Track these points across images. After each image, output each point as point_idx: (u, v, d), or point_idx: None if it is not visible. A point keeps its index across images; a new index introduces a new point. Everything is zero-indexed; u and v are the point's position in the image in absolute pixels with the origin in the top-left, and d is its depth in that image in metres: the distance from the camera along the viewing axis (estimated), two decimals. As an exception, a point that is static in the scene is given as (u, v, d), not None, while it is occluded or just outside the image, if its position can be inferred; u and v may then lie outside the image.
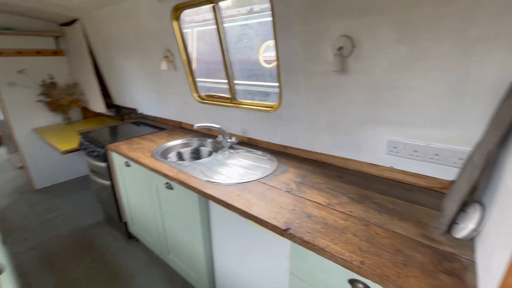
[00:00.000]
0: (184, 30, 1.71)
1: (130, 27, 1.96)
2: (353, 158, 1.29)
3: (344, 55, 1.06)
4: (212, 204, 1.27)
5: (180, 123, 2.20)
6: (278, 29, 1.22)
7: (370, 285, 0.74)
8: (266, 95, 1.66)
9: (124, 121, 2.68)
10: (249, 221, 1.04)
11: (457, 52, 0.85)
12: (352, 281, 0.78)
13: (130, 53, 2.20)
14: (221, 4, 1.45)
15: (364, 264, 0.73)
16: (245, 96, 1.71)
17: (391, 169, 1.18)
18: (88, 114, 3.22)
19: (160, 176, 1.43)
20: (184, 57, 1.77)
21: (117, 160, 1.79)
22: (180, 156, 1.79)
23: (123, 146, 1.75)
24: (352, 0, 0.97)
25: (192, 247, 1.43)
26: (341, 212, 0.97)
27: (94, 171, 2.06)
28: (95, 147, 1.89)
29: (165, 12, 1.62)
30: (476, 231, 0.76)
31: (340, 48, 1.05)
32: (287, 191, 1.12)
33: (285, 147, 1.54)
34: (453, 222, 0.82)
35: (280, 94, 1.40)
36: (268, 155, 1.50)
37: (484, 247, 0.68)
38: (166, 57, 1.82)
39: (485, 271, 0.62)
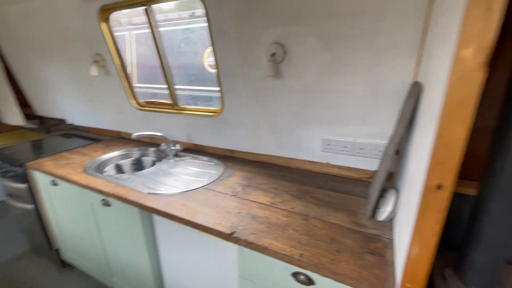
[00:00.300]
0: (121, 33, 1.59)
1: (51, 28, 1.74)
2: (295, 157, 1.37)
3: (277, 61, 1.12)
4: (157, 217, 1.20)
5: (119, 132, 2.03)
6: (215, 35, 1.23)
7: (310, 275, 0.80)
8: (210, 100, 1.64)
9: (51, 134, 2.35)
10: (196, 230, 1.02)
11: (369, 58, 0.98)
12: (294, 274, 0.83)
13: (53, 57, 1.94)
14: (162, 6, 1.39)
15: (303, 256, 0.77)
16: (188, 101, 1.67)
17: (327, 165, 1.29)
18: (1, 128, 2.73)
19: (95, 193, 1.29)
20: (118, 62, 1.64)
21: (41, 180, 1.56)
22: (119, 169, 1.65)
23: (48, 162, 1.53)
24: (280, 10, 1.04)
25: (138, 265, 1.33)
26: (283, 209, 1.02)
27: (12, 194, 1.75)
28: (10, 166, 1.62)
29: (91, 13, 1.48)
30: (393, 213, 0.88)
31: (273, 54, 1.10)
32: (233, 195, 1.13)
33: (232, 151, 1.55)
34: (376, 207, 0.94)
35: (222, 98, 1.40)
36: (215, 160, 1.49)
37: (398, 225, 0.79)
38: (96, 61, 1.67)
39: (399, 246, 0.73)
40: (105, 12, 1.49)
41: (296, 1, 1.00)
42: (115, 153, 1.66)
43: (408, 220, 0.64)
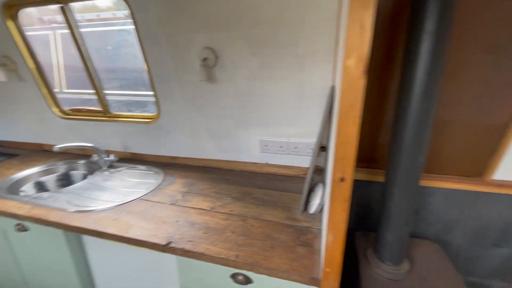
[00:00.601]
0: (43, 32, 1.39)
1: None
2: (236, 160, 1.39)
3: (210, 66, 1.13)
4: (86, 237, 1.09)
5: (41, 145, 1.78)
6: (144, 38, 1.17)
7: (247, 274, 0.82)
8: (146, 105, 1.56)
9: None
10: (129, 245, 0.96)
11: (294, 64, 1.05)
12: (233, 275, 0.84)
13: None
14: (98, 4, 1.26)
15: (238, 257, 0.79)
16: (122, 108, 1.56)
17: (267, 165, 1.34)
18: None
19: (7, 218, 1.11)
20: (32, 65, 1.44)
21: None
22: (41, 187, 1.45)
23: None
24: (209, 15, 1.05)
25: (68, 293, 1.19)
26: (223, 213, 1.02)
27: None
28: None
29: (-8, 9, 1.28)
30: (321, 205, 0.96)
31: (205, 59, 1.10)
32: (172, 204, 1.09)
33: (173, 157, 1.50)
34: (307, 201, 1.01)
35: (157, 104, 1.35)
36: (155, 169, 1.42)
37: (324, 216, 0.87)
38: (4, 65, 1.44)
39: (323, 235, 0.80)
40: (11, 9, 1.30)
41: (224, 8, 1.02)
42: (35, 169, 1.46)
43: (325, 211, 0.71)
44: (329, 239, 0.64)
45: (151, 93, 1.34)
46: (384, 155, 1.16)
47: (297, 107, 1.14)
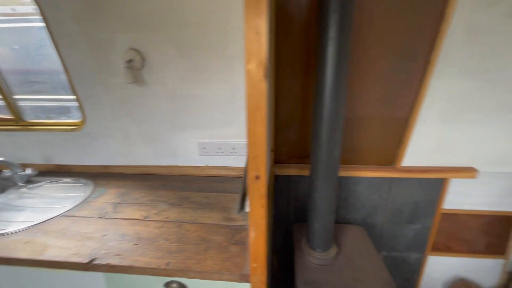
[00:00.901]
0: None
1: None
2: (175, 164, 1.35)
3: (136, 68, 1.07)
4: (-6, 266, 0.94)
5: None
6: (58, 38, 1.06)
7: (180, 281, 0.80)
8: (69, 111, 1.41)
9: None
10: (48, 269, 0.86)
11: (223, 66, 1.06)
12: (167, 284, 0.82)
13: None
14: None
15: (169, 265, 0.77)
16: (38, 114, 1.38)
17: (208, 167, 1.33)
18: None
19: None
20: None
21: None
22: None
23: None
24: (131, 14, 1.00)
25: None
26: (157, 221, 0.99)
27: None
28: None
29: None
30: (255, 202, 0.99)
31: (130, 61, 1.05)
32: (100, 217, 1.01)
33: (106, 166, 1.39)
34: (244, 200, 1.04)
35: (81, 109, 1.23)
36: (84, 180, 1.30)
37: (256, 214, 0.90)
38: None
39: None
40: None
41: (147, 7, 0.98)
42: None
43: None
44: (252, 235, 0.67)
45: (73, 97, 1.22)
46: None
47: (232, 108, 1.15)
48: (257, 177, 0.61)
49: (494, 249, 1.41)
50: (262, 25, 0.49)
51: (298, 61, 1.06)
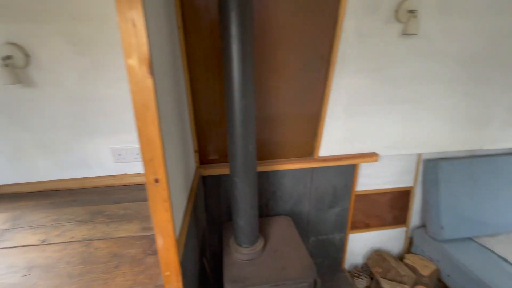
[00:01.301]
0: None
1: None
2: (88, 176, 1.19)
3: (19, 66, 0.91)
4: None
5: None
6: None
7: (84, 308, 0.71)
8: None
9: None
10: None
11: (131, 64, 0.98)
12: (69, 315, 0.71)
13: None
14: None
15: (68, 292, 0.67)
16: None
17: (127, 175, 1.22)
18: None
19: None
20: None
21: None
22: None
23: None
24: (9, 3, 0.83)
25: None
26: (58, 243, 0.85)
27: None
28: None
29: None
30: (175, 207, 0.94)
31: (8, 58, 0.87)
32: (-23, 250, 0.82)
33: (-7, 187, 1.14)
34: (164, 207, 0.98)
35: None
36: (-41, 207, 1.04)
37: (174, 219, 0.86)
38: None
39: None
40: None
41: (26, -5, 0.83)
42: None
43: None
44: (160, 242, 0.63)
45: None
46: (239, 148, 1.26)
47: (146, 110, 1.07)
48: (156, 180, 0.57)
49: (398, 220, 1.67)
50: (138, 17, 0.46)
51: (210, 59, 1.05)
